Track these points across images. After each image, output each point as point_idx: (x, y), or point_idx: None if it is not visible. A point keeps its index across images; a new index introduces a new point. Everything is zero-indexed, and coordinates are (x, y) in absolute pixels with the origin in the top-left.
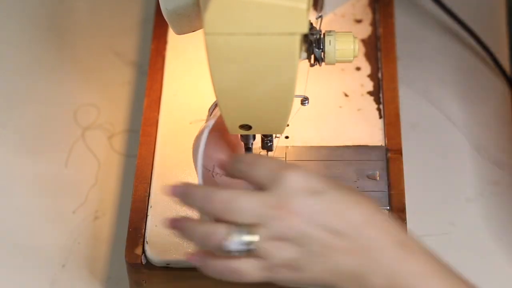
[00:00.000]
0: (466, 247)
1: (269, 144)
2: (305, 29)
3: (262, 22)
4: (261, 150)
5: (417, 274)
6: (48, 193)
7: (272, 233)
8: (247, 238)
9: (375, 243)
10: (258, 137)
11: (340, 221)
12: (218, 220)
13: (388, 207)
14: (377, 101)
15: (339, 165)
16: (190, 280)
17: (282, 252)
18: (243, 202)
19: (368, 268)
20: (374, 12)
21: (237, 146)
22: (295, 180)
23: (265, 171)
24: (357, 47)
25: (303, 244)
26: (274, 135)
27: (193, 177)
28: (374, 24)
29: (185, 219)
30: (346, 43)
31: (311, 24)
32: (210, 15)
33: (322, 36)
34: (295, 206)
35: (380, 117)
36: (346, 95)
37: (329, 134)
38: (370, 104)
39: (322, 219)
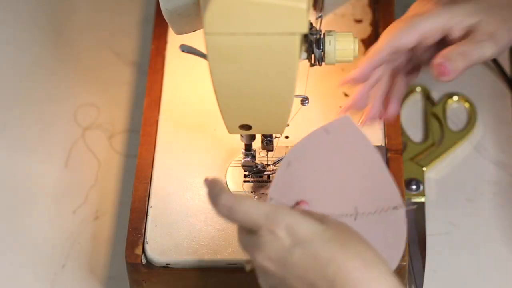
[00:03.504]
0: (466, 247)
1: (269, 144)
2: (305, 29)
3: (262, 22)
4: (261, 150)
5: None
6: (48, 193)
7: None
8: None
9: None
10: (258, 137)
11: (316, 276)
12: None
13: None
14: None
15: None
16: (190, 280)
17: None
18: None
19: None
20: (374, 12)
21: None
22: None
23: (257, 215)
24: (357, 47)
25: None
26: (274, 135)
27: (193, 177)
28: (374, 24)
29: (219, 187)
30: (346, 43)
31: (311, 24)
32: (210, 15)
33: (322, 36)
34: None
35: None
36: (346, 95)
37: None
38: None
39: (300, 272)
